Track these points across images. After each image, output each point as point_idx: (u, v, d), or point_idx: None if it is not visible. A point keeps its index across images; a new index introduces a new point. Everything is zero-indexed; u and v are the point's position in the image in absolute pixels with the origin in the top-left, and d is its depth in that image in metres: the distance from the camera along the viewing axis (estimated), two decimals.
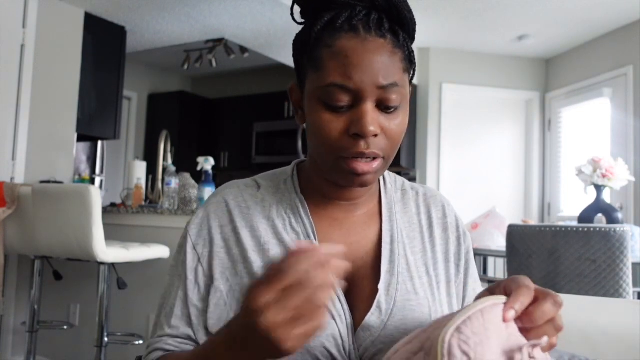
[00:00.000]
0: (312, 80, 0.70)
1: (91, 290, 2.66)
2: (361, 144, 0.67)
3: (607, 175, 2.79)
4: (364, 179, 0.70)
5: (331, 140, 0.69)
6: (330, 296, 0.70)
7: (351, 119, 0.68)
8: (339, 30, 0.68)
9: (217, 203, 0.79)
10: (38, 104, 3.26)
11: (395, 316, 0.73)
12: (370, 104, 0.67)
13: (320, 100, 0.69)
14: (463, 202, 4.47)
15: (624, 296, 2.19)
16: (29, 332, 2.55)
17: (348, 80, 0.66)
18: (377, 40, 0.68)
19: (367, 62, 0.66)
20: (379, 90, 0.67)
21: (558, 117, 4.90)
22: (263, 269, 0.73)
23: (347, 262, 0.75)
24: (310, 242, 0.72)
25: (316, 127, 0.70)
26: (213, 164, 2.83)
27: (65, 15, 3.49)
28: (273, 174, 0.84)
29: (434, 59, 4.87)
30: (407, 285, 0.76)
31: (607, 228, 2.22)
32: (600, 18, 4.05)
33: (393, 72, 0.68)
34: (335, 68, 0.67)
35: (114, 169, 5.29)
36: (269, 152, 5.55)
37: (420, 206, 0.84)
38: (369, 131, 0.66)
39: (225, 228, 0.77)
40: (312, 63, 0.70)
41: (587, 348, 0.96)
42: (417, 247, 0.80)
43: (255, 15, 3.69)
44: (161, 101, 5.87)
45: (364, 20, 0.68)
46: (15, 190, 2.32)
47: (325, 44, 0.69)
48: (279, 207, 0.78)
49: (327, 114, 0.68)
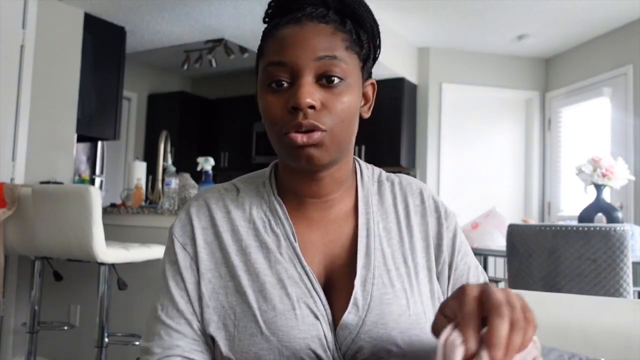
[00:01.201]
0: (259, 69, 0.74)
1: (91, 290, 2.66)
2: (299, 115, 0.68)
3: (607, 174, 2.79)
4: (308, 152, 0.69)
5: (275, 119, 0.70)
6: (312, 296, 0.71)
7: (290, 94, 0.69)
8: (284, 24, 0.71)
9: (199, 206, 0.79)
10: (38, 104, 3.26)
11: (372, 311, 0.72)
12: (308, 78, 0.68)
13: (263, 83, 0.71)
14: (463, 202, 4.47)
15: (624, 295, 2.19)
16: (30, 332, 2.55)
17: (283, 57, 0.68)
18: (317, 25, 0.70)
19: (303, 39, 0.68)
20: (316, 62, 0.68)
21: (558, 116, 4.90)
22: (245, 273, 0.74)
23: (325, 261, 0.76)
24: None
25: (263, 112, 0.71)
26: (213, 164, 2.83)
27: (64, 16, 3.49)
28: (252, 177, 0.84)
29: (433, 59, 4.87)
30: (384, 278, 0.74)
31: (607, 227, 2.22)
32: (600, 17, 4.05)
33: (331, 46, 0.69)
34: (274, 49, 0.70)
35: (114, 169, 5.29)
36: (269, 152, 5.55)
37: (397, 196, 0.83)
38: (304, 102, 0.67)
39: (207, 231, 0.77)
40: (259, 55, 0.74)
41: (587, 347, 0.96)
42: (394, 239, 0.79)
43: (255, 16, 3.69)
44: (161, 101, 5.87)
45: (309, 14, 0.71)
46: (15, 191, 2.32)
47: (270, 36, 0.72)
48: (258, 209, 0.78)
49: (270, 95, 0.70)
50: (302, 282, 0.72)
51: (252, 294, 0.72)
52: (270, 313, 0.70)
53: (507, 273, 2.53)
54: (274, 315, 0.70)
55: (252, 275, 0.73)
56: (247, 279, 0.73)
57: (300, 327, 0.70)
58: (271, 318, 0.70)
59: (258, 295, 0.72)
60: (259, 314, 0.70)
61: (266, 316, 0.70)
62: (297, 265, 0.74)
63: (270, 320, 0.70)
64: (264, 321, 0.70)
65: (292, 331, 0.69)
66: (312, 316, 0.70)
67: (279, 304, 0.71)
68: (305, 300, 0.71)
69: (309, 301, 0.71)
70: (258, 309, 0.71)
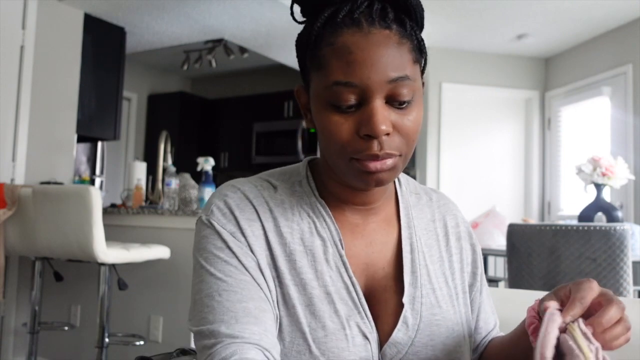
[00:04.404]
0: (316, 80, 0.66)
1: (92, 291, 2.66)
2: (374, 145, 0.62)
3: (606, 173, 2.79)
4: (379, 177, 0.65)
5: (342, 143, 0.64)
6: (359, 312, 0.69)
7: (360, 118, 0.63)
8: (341, 26, 0.63)
9: (239, 198, 0.71)
10: (38, 105, 3.26)
11: (422, 332, 0.70)
12: (379, 101, 0.62)
13: (326, 101, 0.64)
14: (463, 202, 4.46)
15: (624, 294, 2.19)
16: (30, 333, 2.56)
17: (353, 77, 0.61)
18: (382, 32, 0.63)
19: (372, 56, 0.61)
20: (388, 85, 0.62)
21: (558, 116, 4.90)
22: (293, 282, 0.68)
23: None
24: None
25: (325, 130, 0.65)
26: (213, 164, 2.83)
27: (64, 16, 3.49)
28: (283, 174, 0.77)
29: (433, 59, 4.86)
30: (431, 298, 0.73)
31: (607, 227, 2.22)
32: (600, 17, 4.05)
33: (402, 64, 0.63)
34: (339, 66, 0.62)
35: (114, 169, 5.29)
36: (269, 152, 5.55)
37: (435, 213, 0.81)
38: (380, 130, 0.62)
39: (254, 223, 0.69)
40: (315, 63, 0.66)
41: None
42: (435, 256, 0.77)
43: (255, 16, 3.69)
44: (161, 102, 5.87)
45: (366, 12, 0.63)
46: (15, 192, 2.33)
47: (327, 42, 0.64)
48: (301, 210, 0.72)
49: (335, 115, 0.64)
50: (349, 297, 0.69)
51: (300, 307, 0.67)
52: (320, 332, 0.66)
53: (507, 272, 2.53)
54: (324, 334, 0.66)
55: (299, 287, 0.68)
56: (295, 290, 0.68)
57: (351, 349, 0.67)
58: (321, 338, 0.66)
59: (306, 310, 0.67)
60: (308, 332, 0.66)
61: (315, 335, 0.66)
62: (344, 275, 0.70)
63: (321, 340, 0.66)
64: (313, 340, 0.66)
65: (343, 353, 0.66)
66: (361, 336, 0.68)
67: (329, 323, 0.67)
68: (354, 319, 0.68)
69: (358, 320, 0.68)
70: (307, 326, 0.66)
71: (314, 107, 0.67)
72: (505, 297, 1.04)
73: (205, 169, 2.77)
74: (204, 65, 5.19)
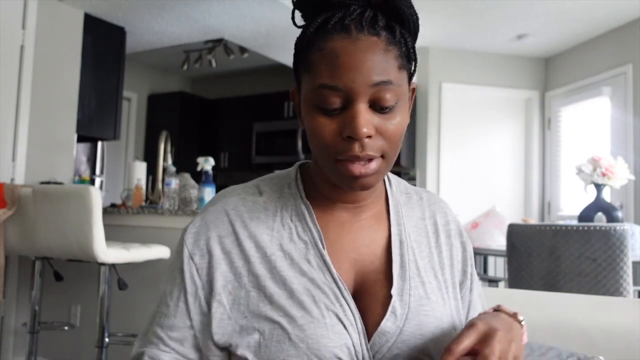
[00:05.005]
0: (306, 83, 0.69)
1: (92, 290, 2.66)
2: (355, 147, 0.66)
3: (607, 174, 2.79)
4: (364, 182, 0.68)
5: (326, 144, 0.67)
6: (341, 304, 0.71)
7: (344, 121, 0.66)
8: (331, 32, 0.66)
9: (217, 212, 0.76)
10: (38, 105, 3.26)
11: (410, 321, 0.73)
12: (362, 105, 0.65)
13: (313, 103, 0.68)
14: (463, 202, 4.47)
15: (624, 295, 2.20)
16: (30, 332, 2.55)
17: (337, 81, 0.65)
18: (370, 39, 0.66)
19: (357, 60, 0.64)
20: (371, 88, 0.65)
21: (558, 116, 4.90)
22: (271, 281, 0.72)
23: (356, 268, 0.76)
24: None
25: (312, 131, 0.69)
26: (213, 164, 2.83)
27: (64, 16, 3.49)
28: (275, 178, 0.81)
29: (433, 59, 4.87)
30: (419, 290, 0.75)
31: (607, 227, 2.22)
32: (600, 17, 4.06)
33: (386, 69, 0.66)
34: (326, 69, 0.66)
35: (114, 169, 5.29)
36: (269, 152, 5.55)
37: (425, 211, 0.84)
38: (362, 133, 0.65)
39: (225, 239, 0.74)
40: (305, 66, 0.69)
41: (587, 346, 0.96)
42: (424, 252, 0.80)
43: (255, 16, 3.69)
44: (161, 102, 5.87)
45: (357, 19, 0.66)
46: (15, 192, 2.33)
47: (317, 47, 0.67)
48: (283, 214, 0.76)
49: (321, 117, 0.67)
50: (330, 291, 0.71)
51: (279, 301, 0.70)
52: (300, 321, 0.69)
53: (507, 272, 2.53)
54: (302, 323, 0.69)
55: (278, 283, 0.71)
56: (274, 287, 0.71)
57: (330, 336, 0.69)
58: (300, 325, 0.69)
59: (285, 302, 0.70)
60: (287, 322, 0.69)
61: (295, 323, 0.69)
62: (326, 274, 0.72)
63: (299, 328, 0.69)
64: (292, 328, 0.69)
65: (322, 339, 0.69)
66: (340, 325, 0.70)
67: (308, 312, 0.70)
68: (333, 309, 0.70)
69: (337, 310, 0.71)
70: (285, 316, 0.69)
71: (303, 109, 0.71)
72: (505, 297, 1.05)
73: (205, 169, 2.77)
74: (204, 65, 5.19)
